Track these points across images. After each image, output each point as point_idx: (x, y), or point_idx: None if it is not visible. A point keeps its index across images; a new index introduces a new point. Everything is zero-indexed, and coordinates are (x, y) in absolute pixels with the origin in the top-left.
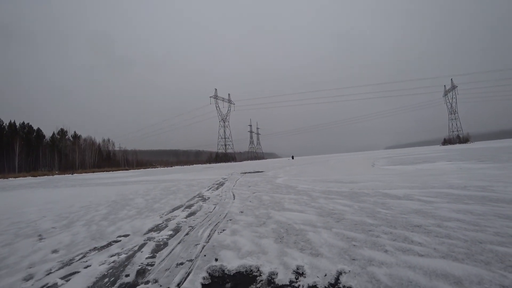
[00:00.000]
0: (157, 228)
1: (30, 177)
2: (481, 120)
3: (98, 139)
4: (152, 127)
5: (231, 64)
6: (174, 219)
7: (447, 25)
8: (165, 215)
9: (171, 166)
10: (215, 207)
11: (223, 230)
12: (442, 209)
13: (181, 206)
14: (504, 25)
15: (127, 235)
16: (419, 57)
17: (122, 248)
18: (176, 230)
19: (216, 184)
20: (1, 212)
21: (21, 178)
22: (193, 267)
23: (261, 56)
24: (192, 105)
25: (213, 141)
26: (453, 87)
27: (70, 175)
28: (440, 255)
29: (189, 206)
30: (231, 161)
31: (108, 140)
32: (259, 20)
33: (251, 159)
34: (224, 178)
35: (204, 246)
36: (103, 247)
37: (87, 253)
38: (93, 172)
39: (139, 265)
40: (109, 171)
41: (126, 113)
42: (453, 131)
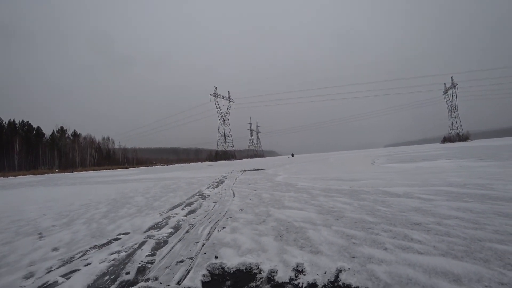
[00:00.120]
0: (157, 226)
1: (30, 176)
2: (481, 118)
3: (98, 138)
4: (152, 125)
5: (231, 63)
6: (174, 217)
7: (447, 25)
8: (165, 213)
9: (171, 164)
10: (215, 205)
11: (223, 228)
12: (442, 207)
13: (181, 204)
14: (504, 25)
15: (127, 233)
16: (419, 56)
17: (122, 246)
18: (176, 228)
19: (216, 182)
20: (1, 210)
21: (21, 177)
22: (193, 265)
23: (261, 55)
24: (192, 104)
25: (213, 139)
26: (453, 85)
27: (70, 174)
28: (440, 253)
29: (189, 204)
30: (231, 159)
31: (108, 138)
32: (259, 20)
33: (251, 157)
34: (224, 176)
35: (204, 244)
36: (103, 245)
37: (88, 251)
38: (93, 170)
39: (139, 263)
40: (109, 169)
41: (126, 112)
42: (453, 129)
